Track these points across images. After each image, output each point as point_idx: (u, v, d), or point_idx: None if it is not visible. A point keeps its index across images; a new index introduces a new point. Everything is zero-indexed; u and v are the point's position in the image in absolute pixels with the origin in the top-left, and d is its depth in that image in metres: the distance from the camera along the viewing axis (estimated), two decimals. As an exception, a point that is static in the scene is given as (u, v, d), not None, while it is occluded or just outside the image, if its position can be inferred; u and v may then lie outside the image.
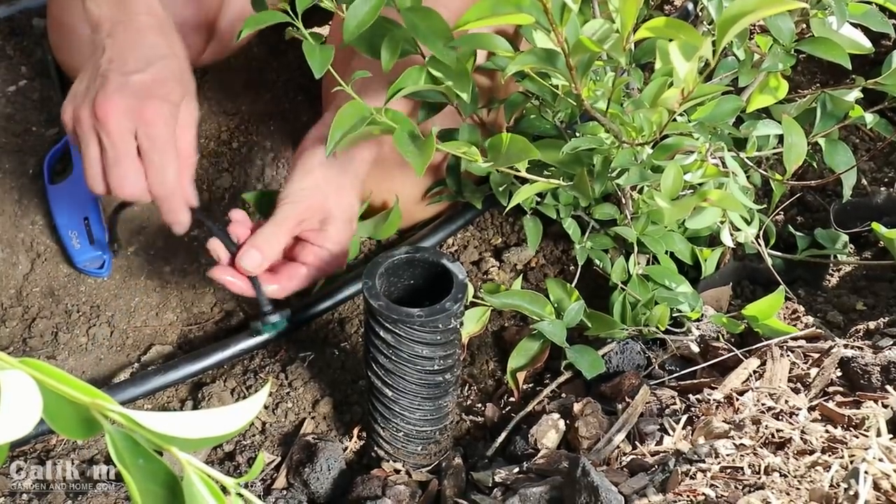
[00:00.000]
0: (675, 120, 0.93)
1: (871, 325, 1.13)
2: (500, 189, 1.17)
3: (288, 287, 1.11)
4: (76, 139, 1.04)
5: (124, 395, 1.10)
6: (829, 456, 0.89)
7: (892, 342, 1.07)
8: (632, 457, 0.99)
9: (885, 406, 0.96)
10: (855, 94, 1.13)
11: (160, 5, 1.06)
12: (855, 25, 1.06)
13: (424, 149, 0.95)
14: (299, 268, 1.11)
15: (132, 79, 1.00)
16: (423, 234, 1.27)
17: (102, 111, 0.99)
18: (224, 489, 0.49)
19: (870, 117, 1.14)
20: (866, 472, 0.80)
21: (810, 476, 0.87)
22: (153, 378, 1.11)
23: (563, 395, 1.11)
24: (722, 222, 1.12)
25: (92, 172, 1.03)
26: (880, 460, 0.82)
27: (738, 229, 1.12)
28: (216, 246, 1.08)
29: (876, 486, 0.80)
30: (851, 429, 0.94)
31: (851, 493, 0.80)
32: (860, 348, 1.07)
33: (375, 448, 1.05)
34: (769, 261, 1.16)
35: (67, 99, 1.05)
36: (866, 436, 0.92)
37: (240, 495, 0.48)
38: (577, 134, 1.04)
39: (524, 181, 1.03)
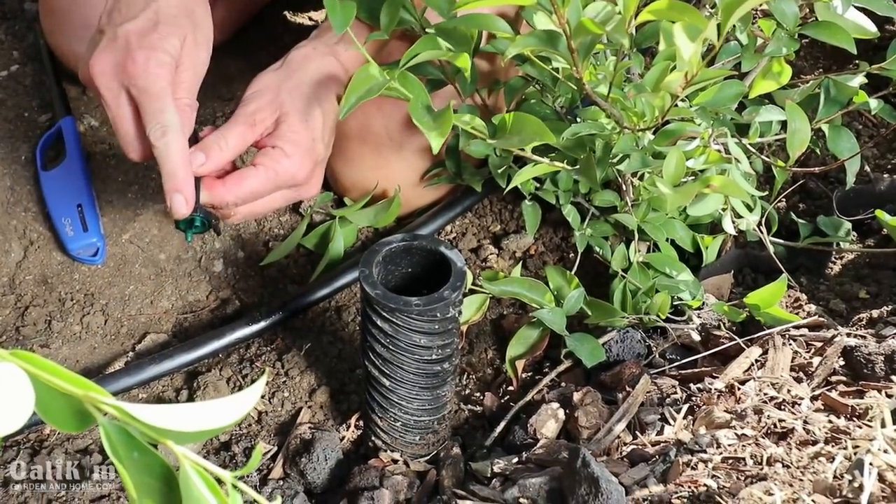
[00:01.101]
0: (676, 105, 0.92)
1: (875, 313, 1.12)
2: (500, 172, 1.15)
3: (235, 191, 1.00)
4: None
5: (118, 384, 1.08)
6: (833, 447, 0.88)
7: (895, 331, 1.06)
8: (632, 447, 0.98)
9: (889, 396, 0.94)
10: (859, 80, 1.12)
11: None
12: (860, 9, 1.04)
13: (441, 121, 0.92)
14: (249, 169, 1.01)
15: (120, 30, 0.94)
16: (421, 221, 1.26)
17: (90, 73, 0.94)
18: (220, 482, 0.48)
19: (874, 103, 1.12)
20: (871, 464, 0.79)
21: (813, 467, 0.86)
22: (148, 367, 1.10)
23: (563, 383, 1.10)
24: (724, 209, 1.11)
25: (116, 125, 0.97)
26: (885, 452, 0.81)
27: (740, 216, 1.11)
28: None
29: (881, 478, 0.79)
30: (855, 419, 0.93)
31: (856, 485, 0.78)
32: (863, 337, 1.06)
33: (373, 438, 1.04)
34: (771, 248, 1.15)
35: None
36: (870, 426, 0.91)
37: (236, 488, 0.47)
38: (578, 119, 1.02)
39: (523, 164, 1.01)
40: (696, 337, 1.12)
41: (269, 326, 1.15)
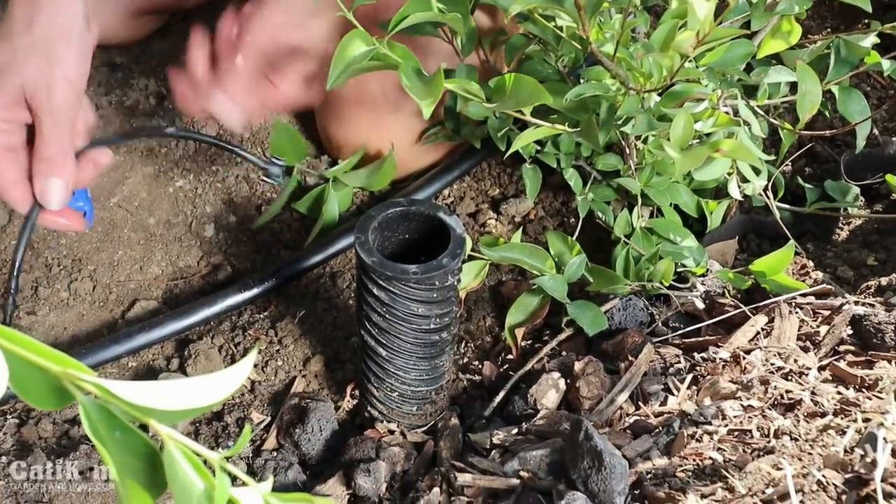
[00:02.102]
0: (684, 66, 0.88)
1: (884, 280, 1.09)
2: (499, 135, 1.12)
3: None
4: None
5: (107, 353, 1.06)
6: (842, 419, 0.86)
7: (904, 299, 1.03)
8: (635, 418, 0.96)
9: (899, 366, 0.92)
10: (871, 39, 1.08)
11: None
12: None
13: (432, 86, 0.89)
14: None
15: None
16: (418, 184, 1.22)
17: None
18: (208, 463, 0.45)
19: (887, 64, 1.08)
20: (885, 439, 0.77)
21: (822, 440, 0.84)
22: (137, 336, 1.07)
23: (564, 352, 1.07)
24: (730, 174, 1.08)
25: None
26: (899, 425, 0.79)
27: (747, 181, 1.08)
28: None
29: (894, 454, 0.76)
30: (864, 390, 0.91)
31: (868, 459, 0.76)
32: (872, 305, 1.03)
33: (369, 408, 1.01)
34: (777, 214, 1.12)
35: None
36: (880, 397, 0.88)
37: (225, 470, 0.45)
38: (581, 80, 0.99)
39: (524, 127, 0.97)
40: (700, 305, 1.09)
41: (261, 293, 1.12)
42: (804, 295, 1.06)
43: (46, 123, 0.93)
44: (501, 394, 1.04)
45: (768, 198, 1.12)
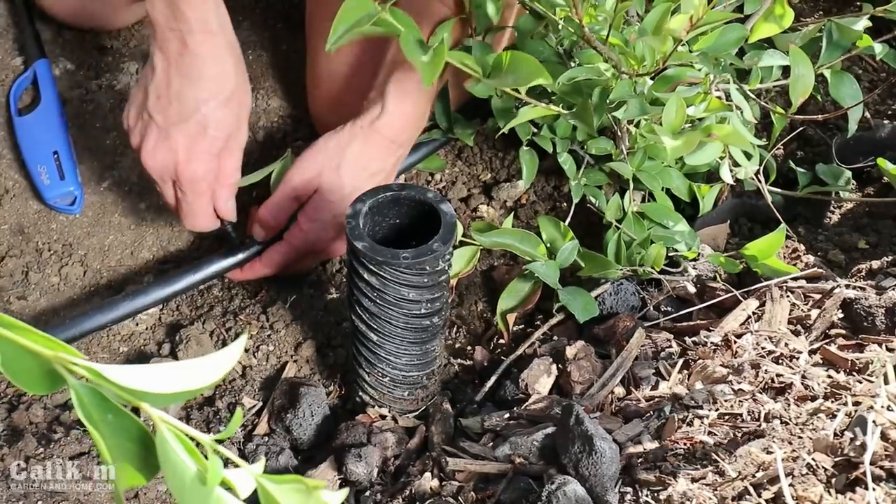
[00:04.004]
0: (677, 49, 0.88)
1: (875, 264, 1.09)
2: (503, 112, 1.10)
3: (266, 268, 1.13)
4: None
5: (92, 322, 1.04)
6: (833, 402, 0.86)
7: (895, 282, 1.03)
8: (626, 402, 0.96)
9: (890, 350, 0.92)
10: (863, 23, 1.07)
11: (216, 14, 1.00)
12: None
13: (435, 57, 0.88)
14: (276, 246, 1.12)
15: (172, 132, 1.02)
16: None
17: (146, 165, 1.05)
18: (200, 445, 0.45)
19: (879, 47, 1.08)
20: (874, 422, 0.77)
21: (813, 424, 0.84)
22: (122, 304, 1.06)
23: (555, 337, 1.07)
24: (721, 158, 1.08)
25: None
26: (888, 409, 0.79)
27: (739, 165, 1.07)
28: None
29: (884, 437, 0.77)
30: (854, 374, 0.91)
31: (858, 443, 0.76)
32: (863, 289, 1.03)
33: (360, 393, 1.01)
34: (769, 197, 1.12)
35: (126, 107, 1.07)
36: (870, 381, 0.88)
37: (216, 452, 0.45)
38: (576, 61, 0.98)
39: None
40: (692, 289, 1.09)
41: (246, 258, 1.12)
42: (795, 279, 1.06)
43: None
44: (493, 378, 1.04)
45: (760, 182, 1.12)
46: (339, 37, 0.90)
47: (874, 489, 0.73)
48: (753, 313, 1.03)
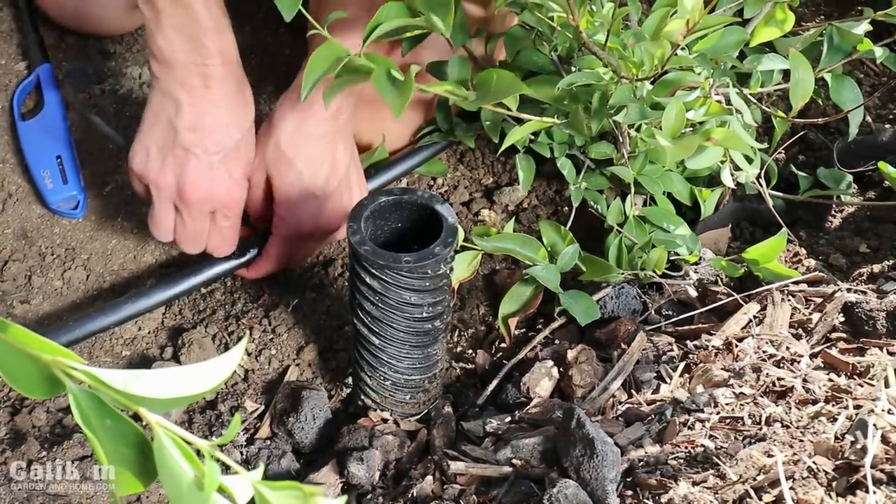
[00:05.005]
0: (676, 54, 0.88)
1: (876, 268, 1.09)
2: (491, 127, 1.11)
3: (267, 267, 1.14)
4: (146, 194, 1.07)
5: (95, 324, 1.05)
6: (833, 406, 0.86)
7: (896, 286, 1.04)
8: (627, 406, 0.96)
9: (891, 354, 0.92)
10: (864, 27, 1.08)
11: (231, 43, 1.00)
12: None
13: (403, 89, 0.89)
14: (269, 245, 1.13)
15: (214, 160, 1.03)
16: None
17: (189, 195, 1.04)
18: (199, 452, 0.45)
19: (879, 51, 1.08)
20: (874, 425, 0.77)
21: (814, 427, 0.84)
22: (123, 306, 1.06)
23: (557, 341, 1.08)
24: (723, 162, 1.08)
25: (162, 227, 1.08)
26: (889, 412, 0.79)
27: (740, 169, 1.08)
28: None
29: (884, 440, 0.77)
30: (856, 377, 0.91)
31: (858, 446, 0.77)
32: (864, 293, 1.04)
33: (362, 397, 1.02)
34: (770, 201, 1.12)
35: (138, 149, 1.05)
36: (871, 385, 0.89)
37: (215, 459, 0.45)
38: (574, 69, 0.99)
39: (518, 119, 0.97)
40: (693, 293, 1.09)
41: (246, 261, 1.13)
42: (796, 282, 1.06)
43: None
44: (494, 382, 1.04)
45: (761, 186, 1.12)
46: (311, 88, 0.90)
47: (875, 492, 0.73)
48: (755, 317, 1.04)
